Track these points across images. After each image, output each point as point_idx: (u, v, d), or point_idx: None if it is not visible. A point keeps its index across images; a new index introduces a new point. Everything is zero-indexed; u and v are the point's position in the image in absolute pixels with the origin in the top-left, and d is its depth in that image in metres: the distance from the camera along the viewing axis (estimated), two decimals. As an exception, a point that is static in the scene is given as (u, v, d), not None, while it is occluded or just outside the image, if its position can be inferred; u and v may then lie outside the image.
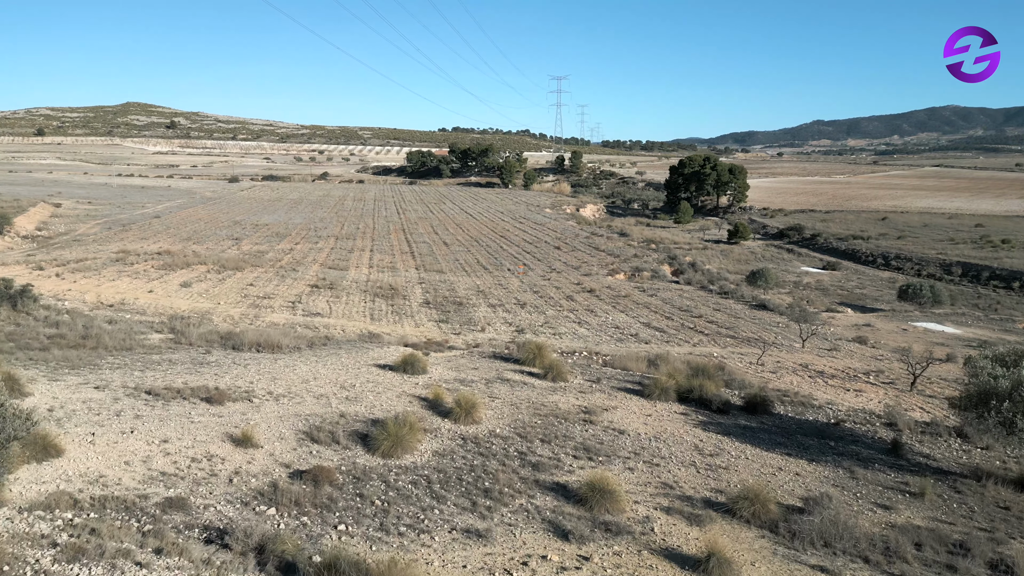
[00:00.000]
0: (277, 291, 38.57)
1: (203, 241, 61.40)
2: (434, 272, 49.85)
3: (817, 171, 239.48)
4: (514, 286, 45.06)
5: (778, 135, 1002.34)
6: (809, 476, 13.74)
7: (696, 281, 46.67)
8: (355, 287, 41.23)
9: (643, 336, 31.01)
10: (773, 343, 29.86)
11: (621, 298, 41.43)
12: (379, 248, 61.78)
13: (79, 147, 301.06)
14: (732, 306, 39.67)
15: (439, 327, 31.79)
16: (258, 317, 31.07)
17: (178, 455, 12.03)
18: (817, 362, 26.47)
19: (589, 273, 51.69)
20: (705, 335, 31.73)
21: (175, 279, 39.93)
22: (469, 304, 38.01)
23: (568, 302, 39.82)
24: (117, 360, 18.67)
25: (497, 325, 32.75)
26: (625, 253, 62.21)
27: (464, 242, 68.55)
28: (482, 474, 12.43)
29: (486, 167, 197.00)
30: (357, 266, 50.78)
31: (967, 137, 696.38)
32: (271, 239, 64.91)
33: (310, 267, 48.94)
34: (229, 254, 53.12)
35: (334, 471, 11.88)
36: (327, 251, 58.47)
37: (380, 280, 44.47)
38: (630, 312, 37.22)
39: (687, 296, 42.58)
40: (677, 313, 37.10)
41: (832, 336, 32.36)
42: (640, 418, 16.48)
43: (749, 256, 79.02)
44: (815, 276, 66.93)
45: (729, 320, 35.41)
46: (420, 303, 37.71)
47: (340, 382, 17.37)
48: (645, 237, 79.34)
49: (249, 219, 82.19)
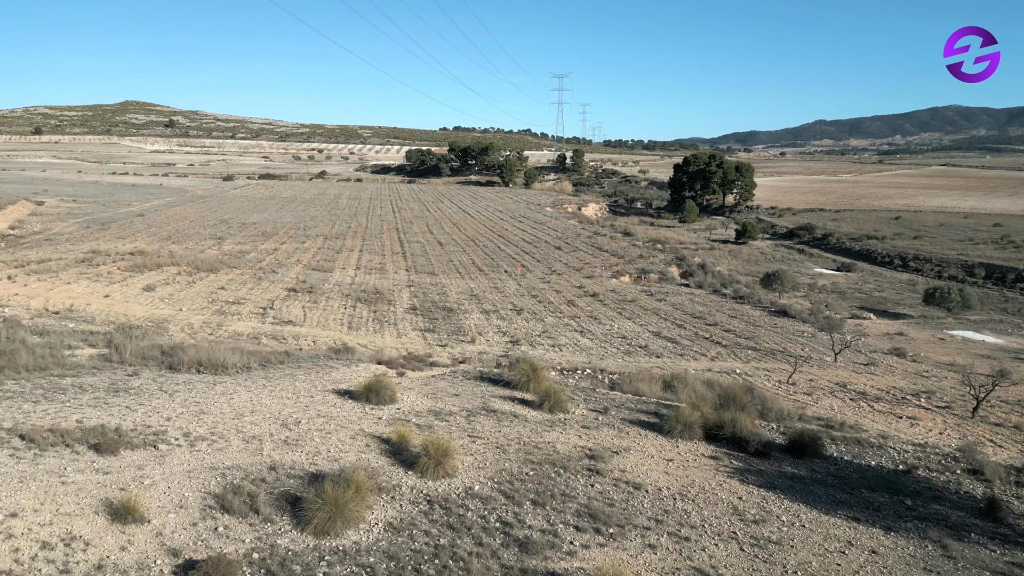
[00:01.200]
0: (250, 295, 35.15)
1: (183, 240, 58.01)
2: (425, 274, 46.42)
3: (822, 170, 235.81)
4: (511, 289, 41.63)
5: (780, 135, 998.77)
6: (890, 554, 10.28)
7: (708, 284, 43.12)
8: (337, 291, 37.80)
9: (654, 348, 27.54)
10: (801, 356, 26.41)
11: (627, 303, 37.98)
12: (369, 248, 58.35)
13: (76, 146, 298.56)
14: (749, 312, 36.18)
15: (424, 337, 28.34)
16: (221, 326, 27.65)
17: (24, 539, 8.60)
18: (855, 380, 23.02)
19: (592, 275, 48.26)
20: (723, 346, 28.26)
21: (139, 282, 36.51)
22: (460, 310, 34.56)
23: (569, 308, 36.38)
24: (17, 386, 15.25)
25: (490, 334, 29.29)
26: (630, 254, 58.73)
27: (460, 242, 65.11)
28: (449, 561, 9.01)
29: (486, 166, 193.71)
30: (343, 268, 47.35)
31: (970, 137, 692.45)
32: (256, 238, 61.51)
33: (292, 268, 45.53)
34: (207, 254, 49.73)
35: (239, 563, 8.44)
36: (313, 251, 55.05)
37: (366, 283, 41.05)
38: (637, 319, 33.76)
39: (699, 301, 39.09)
40: (690, 320, 33.62)
41: (865, 347, 28.88)
42: (660, 464, 13.02)
43: (759, 257, 75.56)
44: (830, 278, 63.48)
45: (748, 328, 31.93)
46: (406, 309, 34.25)
47: (283, 417, 13.93)
48: (650, 237, 75.84)
49: (237, 218, 78.82)
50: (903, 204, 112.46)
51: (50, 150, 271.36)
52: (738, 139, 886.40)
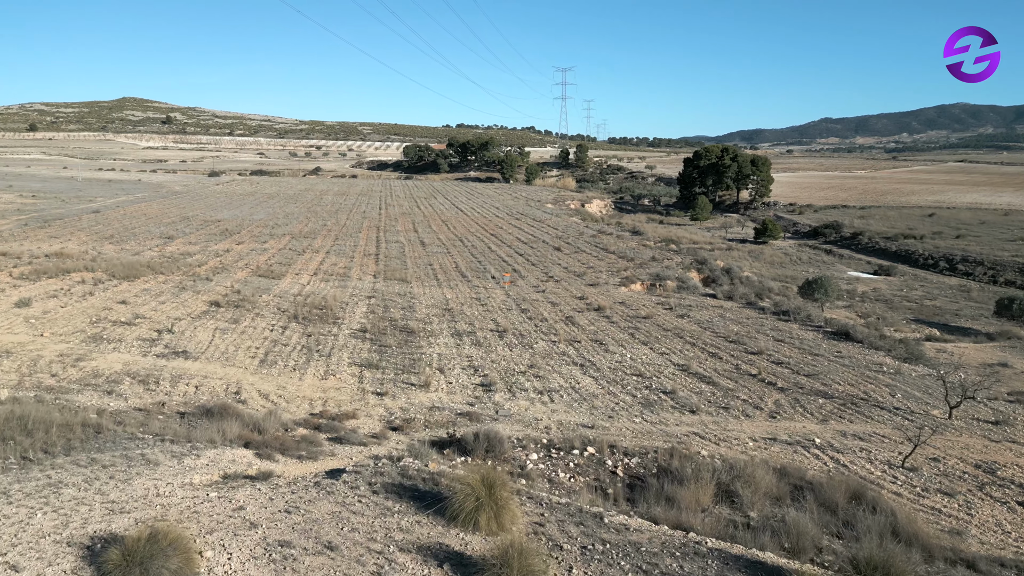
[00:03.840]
0: (155, 312, 27.28)
1: (126, 240, 50.26)
2: (396, 281, 38.52)
3: (835, 166, 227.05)
4: (496, 301, 33.72)
5: (786, 133, 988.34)
6: None
7: (739, 295, 34.94)
8: (273, 305, 29.91)
9: (684, 395, 19.56)
10: (896, 409, 18.43)
11: (641, 320, 30.00)
12: (338, 249, 50.46)
13: (69, 142, 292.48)
14: (798, 333, 28.12)
15: (360, 377, 20.41)
16: (80, 360, 19.81)
17: None
18: (1002, 457, 15.04)
19: (596, 282, 40.31)
20: (779, 389, 20.29)
21: (21, 293, 28.68)
22: (425, 332, 26.64)
23: (567, 327, 28.44)
24: None
25: (455, 372, 21.34)
26: (640, 255, 50.70)
27: (446, 242, 57.19)
28: None
29: (486, 161, 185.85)
30: (297, 273, 39.49)
31: (977, 135, 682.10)
32: (212, 238, 53.71)
33: (235, 274, 37.71)
34: (141, 257, 41.96)
35: None
36: (272, 252, 47.21)
37: (316, 293, 33.19)
38: (656, 344, 25.79)
39: (731, 317, 31.03)
40: (725, 346, 25.62)
41: (975, 388, 20.75)
42: None
43: (783, 258, 67.50)
44: (868, 283, 55.46)
45: (805, 359, 23.93)
46: (353, 331, 26.30)
47: None
48: (661, 236, 67.78)
49: (204, 215, 71.05)
50: (933, 200, 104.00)
51: (42, 146, 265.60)
52: (743, 137, 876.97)
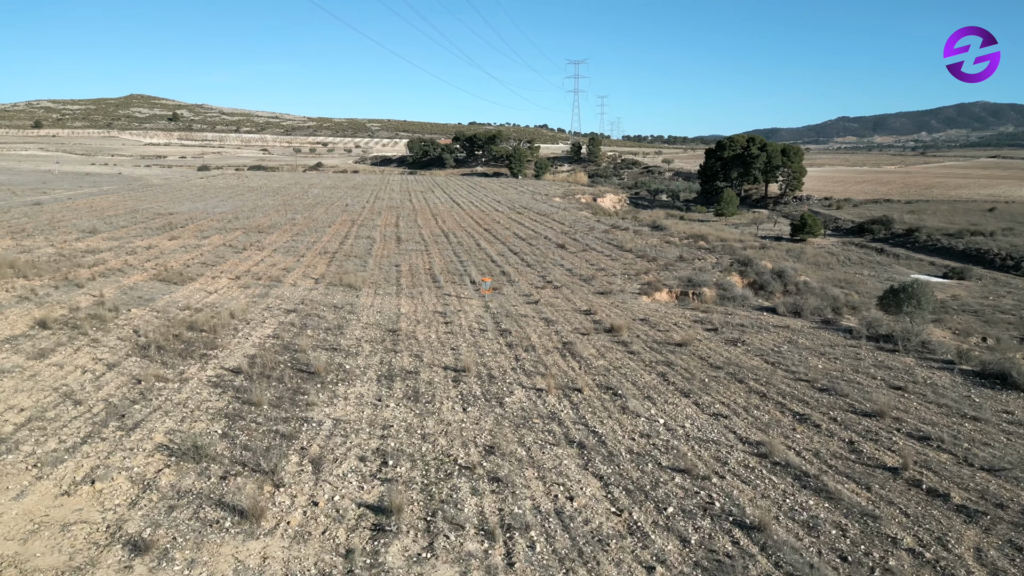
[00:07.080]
0: (-63, 337, 17.99)
1: (37, 235, 41.28)
2: (342, 287, 29.08)
3: (862, 162, 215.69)
4: (468, 317, 24.18)
5: (802, 132, 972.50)
6: None
7: (810, 309, 24.98)
8: (129, 326, 20.50)
9: (779, 534, 9.90)
10: None
11: (674, 349, 20.30)
12: (290, 247, 41.15)
13: (72, 139, 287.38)
14: (921, 374, 18.23)
15: (148, 485, 10.86)
16: None
17: None
18: None
19: (608, 289, 30.70)
20: (966, 516, 10.58)
21: None
22: (333, 375, 17.10)
23: (562, 361, 18.82)
24: None
25: (339, 471, 11.62)
26: (665, 255, 40.93)
27: (427, 238, 47.74)
28: None
29: (494, 156, 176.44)
30: (215, 276, 30.15)
31: (997, 134, 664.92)
32: (145, 232, 44.62)
33: (129, 277, 28.46)
34: (29, 255, 32.87)
35: None
36: (202, 251, 37.99)
37: (217, 305, 23.81)
38: (701, 394, 16.11)
39: (806, 343, 21.21)
40: (815, 400, 15.87)
41: None
42: None
43: (829, 259, 57.45)
44: (942, 288, 45.47)
45: (962, 431, 14.18)
46: (220, 372, 16.72)
47: None
48: (686, 232, 57.93)
49: (160, 208, 62.15)
50: (987, 194, 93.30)
51: (43, 143, 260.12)
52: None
